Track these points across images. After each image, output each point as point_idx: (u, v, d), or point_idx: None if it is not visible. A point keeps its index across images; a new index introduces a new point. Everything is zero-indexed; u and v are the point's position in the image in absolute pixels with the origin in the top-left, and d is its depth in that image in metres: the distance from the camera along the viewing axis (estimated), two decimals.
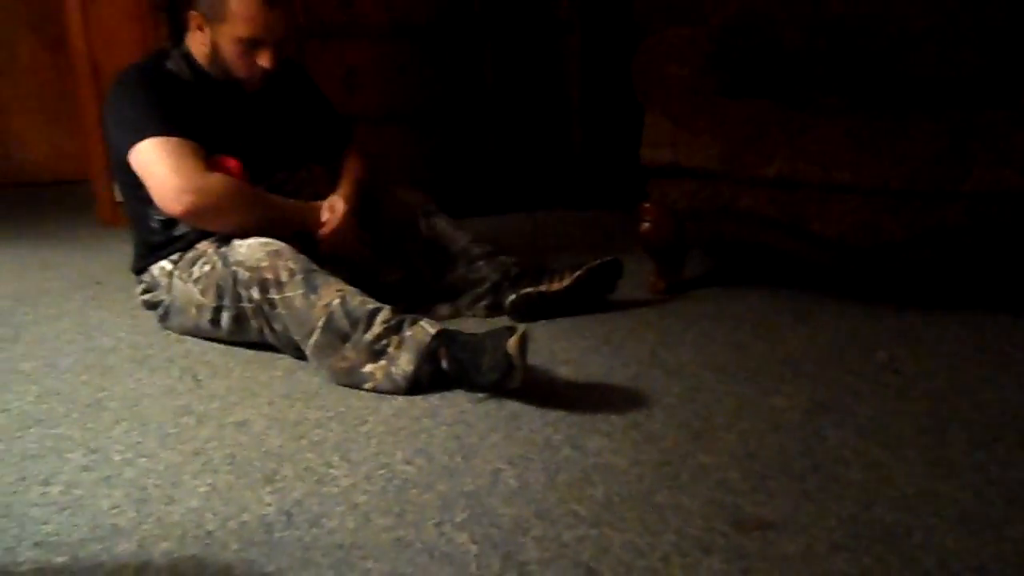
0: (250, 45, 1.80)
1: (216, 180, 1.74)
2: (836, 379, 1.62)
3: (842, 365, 1.69)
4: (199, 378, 1.68)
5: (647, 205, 2.14)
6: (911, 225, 1.85)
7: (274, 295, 1.65)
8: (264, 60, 1.81)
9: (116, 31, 2.96)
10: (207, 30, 1.81)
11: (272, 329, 1.70)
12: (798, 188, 1.92)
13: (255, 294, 1.67)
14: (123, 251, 2.60)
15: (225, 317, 1.77)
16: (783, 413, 1.48)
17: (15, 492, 1.24)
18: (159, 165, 1.73)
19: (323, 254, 1.81)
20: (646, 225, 2.15)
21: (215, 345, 1.84)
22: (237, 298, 1.73)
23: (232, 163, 1.80)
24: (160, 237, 1.87)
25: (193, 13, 1.81)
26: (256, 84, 1.87)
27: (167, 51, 1.92)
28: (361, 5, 2.84)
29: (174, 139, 1.73)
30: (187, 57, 1.87)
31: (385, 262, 2.00)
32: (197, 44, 1.85)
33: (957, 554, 1.06)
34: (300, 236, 1.81)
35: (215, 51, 1.82)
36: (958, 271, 2.11)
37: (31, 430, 1.45)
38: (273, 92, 1.91)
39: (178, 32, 1.93)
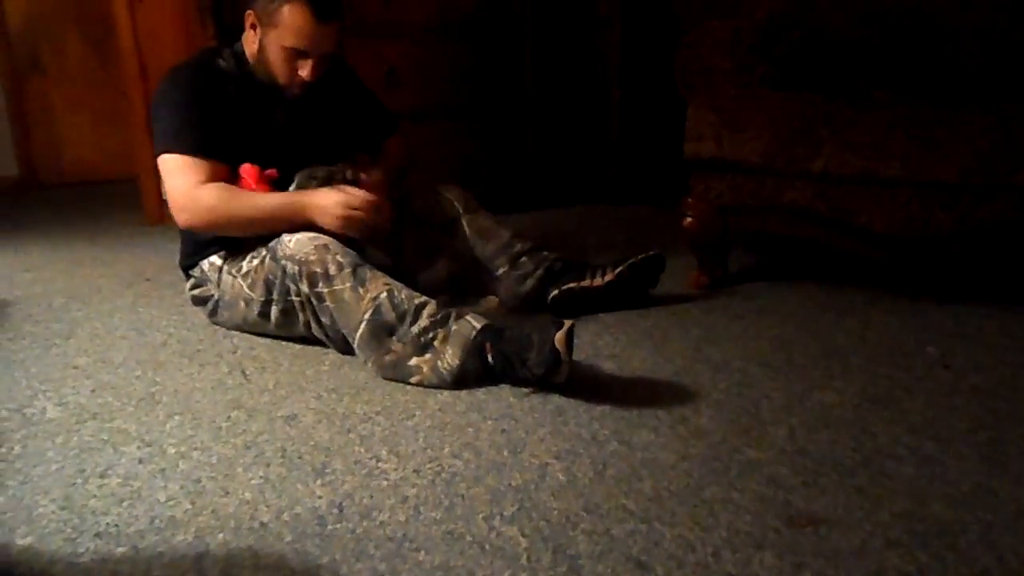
0: (295, 55, 1.81)
1: (205, 194, 1.77)
2: (886, 374, 1.60)
3: (892, 360, 1.67)
4: (248, 372, 1.70)
5: (690, 200, 2.13)
6: (961, 218, 1.81)
7: (322, 288, 1.67)
8: (305, 72, 1.82)
9: (163, 31, 3.01)
10: (259, 30, 1.83)
11: (319, 322, 1.73)
12: (845, 182, 1.90)
13: (304, 287, 1.70)
14: (170, 248, 2.65)
15: (274, 311, 1.80)
16: (832, 409, 1.46)
17: (74, 484, 1.27)
18: (170, 180, 1.81)
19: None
20: (689, 220, 2.14)
21: (262, 340, 1.87)
22: (286, 291, 1.76)
23: (251, 171, 1.81)
24: (207, 234, 1.90)
25: (249, 12, 1.84)
26: (295, 92, 1.88)
27: (219, 49, 1.94)
28: (401, 3, 2.86)
29: (190, 159, 1.77)
30: (239, 56, 1.90)
31: (428, 260, 2.01)
32: (249, 42, 1.87)
33: (1015, 551, 1.04)
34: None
35: (261, 52, 1.84)
36: (1009, 265, 2.07)
37: (87, 423, 1.48)
38: (317, 94, 1.92)
39: (224, 32, 1.95)
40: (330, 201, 1.75)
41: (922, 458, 1.28)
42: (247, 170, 1.82)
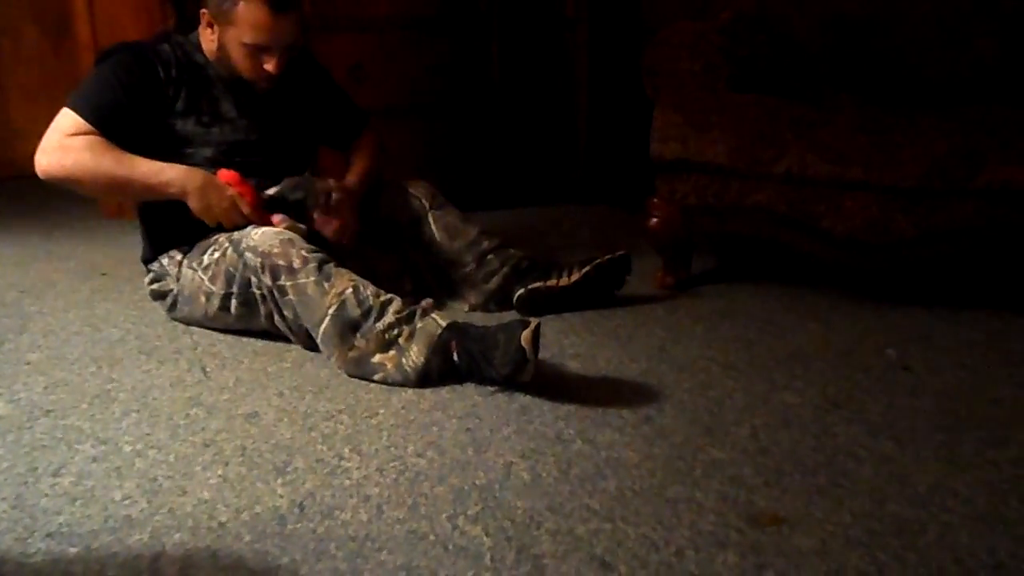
0: (257, 50, 1.78)
1: (77, 142, 1.71)
2: (847, 376, 1.62)
3: (853, 362, 1.69)
4: (208, 369, 1.67)
5: (655, 200, 2.14)
6: (922, 223, 1.84)
7: (285, 281, 1.64)
8: (270, 65, 1.80)
9: (122, 20, 2.94)
10: (216, 28, 1.80)
11: (282, 315, 1.70)
12: (808, 185, 1.92)
13: (266, 280, 1.67)
14: (127, 243, 2.60)
15: (234, 303, 1.77)
16: (794, 409, 1.47)
17: (26, 483, 1.24)
18: (49, 131, 1.74)
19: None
20: (654, 221, 2.14)
21: (223, 336, 1.84)
22: (247, 284, 1.73)
23: (231, 177, 1.78)
24: (170, 225, 1.87)
25: (203, 11, 1.80)
26: (264, 86, 1.85)
27: (170, 35, 1.90)
28: None
29: (83, 123, 1.72)
30: (192, 44, 1.87)
31: (393, 265, 1.99)
32: (207, 40, 1.84)
33: (972, 550, 1.06)
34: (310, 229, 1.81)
35: (222, 50, 1.81)
36: (969, 269, 2.11)
37: (40, 421, 1.45)
38: (281, 84, 1.89)
39: (185, 23, 1.91)
40: (197, 184, 1.73)
41: (882, 458, 1.30)
42: (225, 175, 1.78)
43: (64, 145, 1.71)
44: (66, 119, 1.73)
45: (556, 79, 3.21)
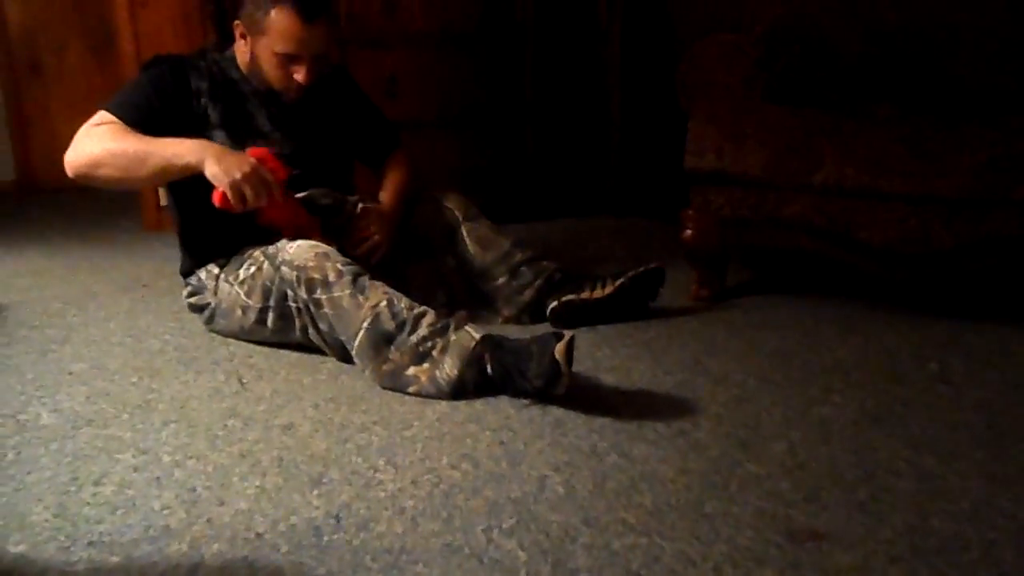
0: (287, 59, 1.81)
1: (101, 127, 1.73)
2: (886, 390, 1.60)
3: (892, 375, 1.67)
4: (244, 380, 1.69)
5: (689, 212, 2.13)
6: (962, 233, 1.81)
7: (320, 295, 1.66)
8: (300, 75, 1.82)
9: (164, 36, 3.01)
10: (248, 40, 1.83)
11: (317, 329, 1.72)
12: (846, 196, 1.90)
13: (302, 293, 1.69)
14: (167, 255, 2.65)
15: (270, 316, 1.79)
16: (832, 423, 1.45)
17: (68, 492, 1.26)
18: (81, 130, 1.76)
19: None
20: (688, 232, 2.13)
21: (259, 348, 1.86)
22: (283, 297, 1.75)
23: (261, 152, 1.76)
24: (208, 240, 1.90)
25: (236, 22, 1.84)
26: (292, 96, 1.87)
27: (207, 51, 1.94)
28: (404, 13, 2.87)
29: (112, 117, 1.74)
30: (228, 60, 1.90)
31: (426, 277, 2.00)
32: (240, 51, 1.88)
33: (1018, 567, 1.04)
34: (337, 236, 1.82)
35: (254, 60, 1.84)
36: (1011, 280, 2.06)
37: (82, 430, 1.47)
38: (314, 99, 1.92)
39: (225, 39, 1.95)
40: (214, 151, 1.68)
41: (923, 474, 1.27)
42: (261, 152, 1.75)
43: (88, 133, 1.74)
44: (95, 117, 1.77)
45: (589, 91, 3.22)
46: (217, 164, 1.66)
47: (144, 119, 1.76)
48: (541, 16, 3.07)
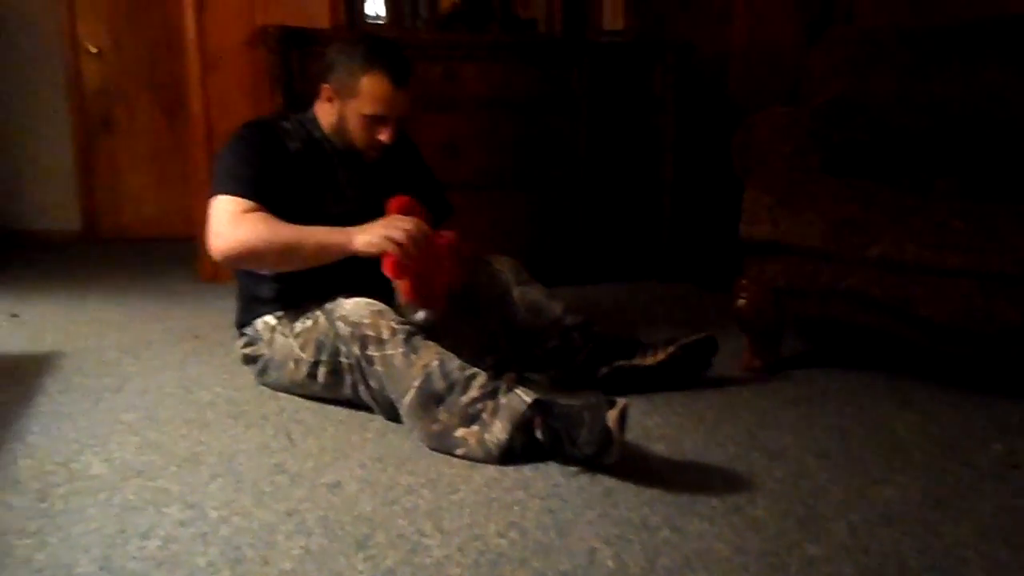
0: (374, 121, 1.86)
1: (248, 218, 1.76)
2: (950, 471, 1.53)
3: (956, 456, 1.60)
4: (293, 436, 1.69)
5: (744, 281, 2.10)
6: None
7: (373, 352, 1.66)
8: (385, 135, 1.88)
9: (233, 98, 3.13)
10: (336, 102, 1.88)
11: (368, 386, 1.72)
12: (905, 270, 1.86)
13: (355, 349, 1.69)
14: (220, 306, 2.70)
15: (321, 371, 1.80)
16: (895, 505, 1.40)
17: (114, 544, 1.26)
18: (214, 214, 1.79)
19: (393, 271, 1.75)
20: (742, 302, 2.10)
21: (309, 403, 1.86)
22: (335, 352, 1.76)
23: (403, 201, 1.81)
24: (266, 292, 1.92)
25: (325, 85, 1.89)
26: (373, 156, 1.93)
27: (285, 114, 2.00)
28: (462, 79, 2.93)
29: (244, 200, 1.78)
30: (310, 121, 1.95)
31: (476, 339, 1.99)
32: (324, 113, 1.93)
33: None
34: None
35: (340, 122, 1.90)
36: None
37: (131, 481, 1.48)
38: (385, 159, 1.96)
39: (292, 101, 2.01)
40: (375, 223, 1.74)
41: (994, 563, 1.21)
42: (404, 202, 1.80)
43: (237, 221, 1.76)
44: (225, 203, 1.79)
45: (641, 156, 3.23)
46: (366, 235, 1.72)
47: (266, 190, 1.80)
48: (596, 83, 3.11)
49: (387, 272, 1.72)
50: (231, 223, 1.76)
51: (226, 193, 1.79)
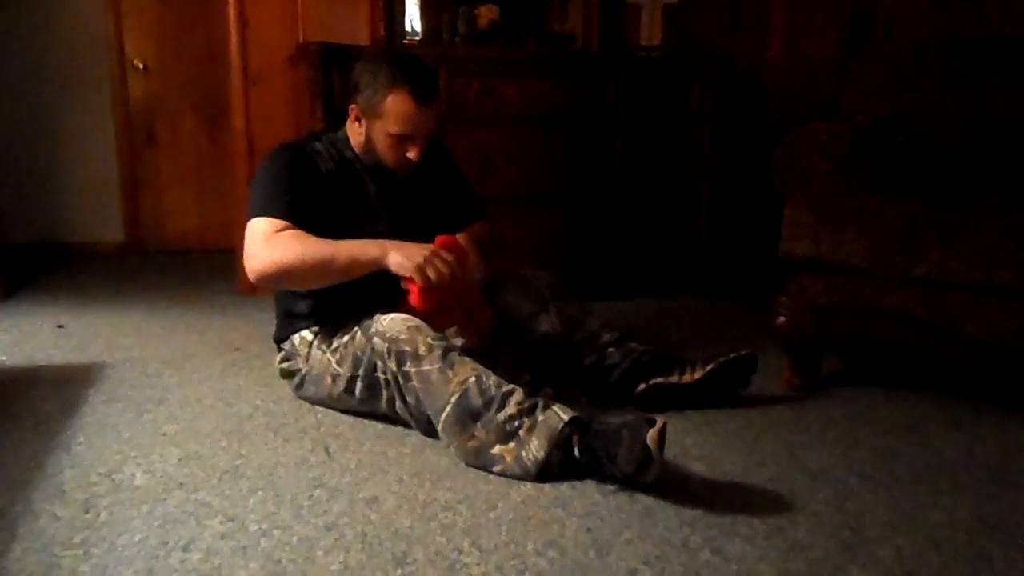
0: (401, 140, 1.87)
1: (282, 237, 1.77)
2: (999, 494, 1.50)
3: (1005, 478, 1.57)
4: (331, 450, 1.70)
5: (783, 299, 2.08)
6: None
7: (410, 368, 1.67)
8: (413, 153, 1.88)
9: (274, 114, 3.18)
10: (363, 122, 1.90)
11: (404, 401, 1.72)
12: (951, 289, 1.82)
13: (391, 365, 1.70)
14: (260, 319, 2.73)
15: (359, 386, 1.81)
16: (942, 529, 1.37)
17: (157, 556, 1.27)
18: (250, 235, 1.81)
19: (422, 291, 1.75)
20: (782, 319, 2.08)
21: (346, 417, 1.87)
22: (372, 368, 1.77)
23: (448, 240, 1.82)
24: (303, 307, 1.94)
25: (352, 106, 1.91)
26: (403, 173, 1.94)
27: (319, 133, 2.02)
28: (498, 95, 2.94)
29: (276, 220, 1.79)
30: (341, 141, 1.97)
31: (512, 355, 1.98)
32: (354, 132, 1.95)
33: None
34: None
35: (368, 141, 1.91)
36: None
37: (173, 493, 1.49)
38: (418, 172, 1.97)
39: (332, 117, 2.03)
40: (416, 247, 1.75)
41: None
42: (441, 239, 1.81)
43: (270, 242, 1.78)
44: (260, 224, 1.81)
45: (678, 172, 3.22)
46: (400, 253, 1.73)
47: (301, 210, 1.82)
48: (632, 98, 3.11)
49: (411, 299, 1.75)
50: (265, 243, 1.78)
51: (259, 215, 1.82)
